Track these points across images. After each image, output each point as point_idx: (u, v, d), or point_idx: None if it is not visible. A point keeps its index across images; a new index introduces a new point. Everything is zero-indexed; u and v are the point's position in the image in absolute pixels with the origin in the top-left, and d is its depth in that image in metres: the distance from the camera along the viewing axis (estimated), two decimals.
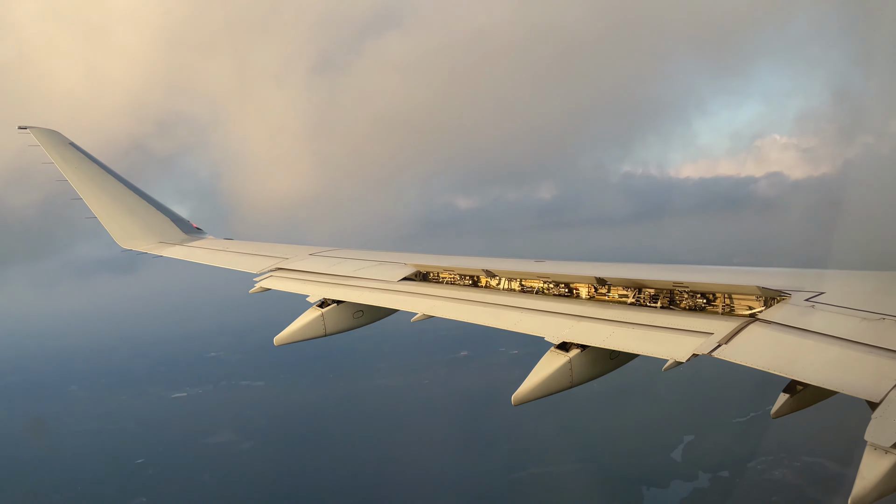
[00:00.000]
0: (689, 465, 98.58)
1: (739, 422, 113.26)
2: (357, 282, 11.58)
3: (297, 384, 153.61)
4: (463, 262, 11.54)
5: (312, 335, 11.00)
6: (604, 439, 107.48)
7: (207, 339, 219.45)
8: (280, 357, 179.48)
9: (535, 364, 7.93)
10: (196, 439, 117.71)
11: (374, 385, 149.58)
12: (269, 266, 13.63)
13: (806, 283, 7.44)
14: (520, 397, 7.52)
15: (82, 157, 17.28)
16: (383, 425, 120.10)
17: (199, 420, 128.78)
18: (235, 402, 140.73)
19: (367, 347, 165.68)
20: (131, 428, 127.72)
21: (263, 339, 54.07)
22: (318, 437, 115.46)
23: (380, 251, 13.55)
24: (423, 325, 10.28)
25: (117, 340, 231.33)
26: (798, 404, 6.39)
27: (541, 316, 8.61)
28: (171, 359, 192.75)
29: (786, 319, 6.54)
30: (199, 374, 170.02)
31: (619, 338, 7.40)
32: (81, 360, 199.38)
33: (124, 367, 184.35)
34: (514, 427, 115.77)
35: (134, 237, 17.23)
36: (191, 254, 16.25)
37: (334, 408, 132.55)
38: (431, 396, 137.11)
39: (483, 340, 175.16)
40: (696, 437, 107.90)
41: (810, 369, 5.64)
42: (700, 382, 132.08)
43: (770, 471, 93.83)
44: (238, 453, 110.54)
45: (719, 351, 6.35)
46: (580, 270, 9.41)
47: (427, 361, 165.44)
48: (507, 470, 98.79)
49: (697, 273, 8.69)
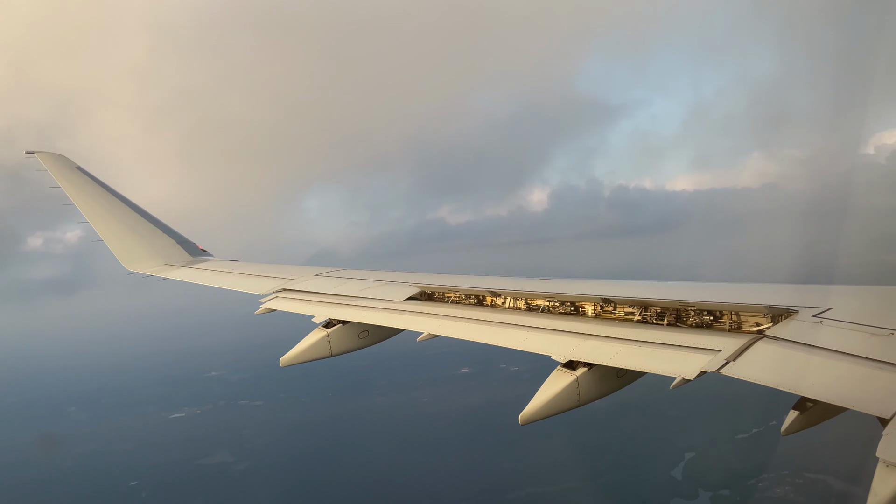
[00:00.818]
0: (690, 483, 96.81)
1: (742, 438, 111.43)
2: (362, 302, 11.58)
3: (295, 403, 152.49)
4: (468, 281, 11.62)
5: (318, 356, 10.91)
6: (603, 457, 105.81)
7: (209, 358, 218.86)
8: (280, 376, 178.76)
9: (540, 382, 8.00)
10: (191, 460, 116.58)
11: (372, 404, 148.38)
12: (274, 287, 13.66)
13: (813, 298, 7.39)
14: (527, 417, 7.56)
15: (88, 180, 17.52)
16: (380, 444, 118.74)
17: (195, 441, 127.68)
18: (233, 422, 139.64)
19: (367, 365, 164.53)
20: (127, 449, 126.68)
21: (265, 358, 53.59)
22: (314, 457, 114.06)
23: (385, 271, 13.60)
24: (424, 342, 10.31)
25: (120, 360, 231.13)
26: (808, 421, 6.38)
27: (547, 334, 8.57)
28: (172, 379, 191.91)
29: (794, 335, 6.52)
30: (198, 393, 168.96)
31: (625, 356, 7.37)
32: (83, 380, 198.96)
33: (125, 388, 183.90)
34: (512, 445, 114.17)
35: (140, 259, 17.25)
36: (196, 276, 16.24)
37: (332, 427, 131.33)
38: (430, 414, 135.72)
39: (484, 358, 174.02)
40: (698, 455, 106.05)
41: (820, 386, 5.59)
42: (703, 399, 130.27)
43: (772, 489, 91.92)
44: (233, 475, 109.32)
45: (727, 368, 6.30)
46: (586, 290, 9.42)
47: (427, 379, 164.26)
48: (503, 490, 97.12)
49: (704, 291, 8.65)
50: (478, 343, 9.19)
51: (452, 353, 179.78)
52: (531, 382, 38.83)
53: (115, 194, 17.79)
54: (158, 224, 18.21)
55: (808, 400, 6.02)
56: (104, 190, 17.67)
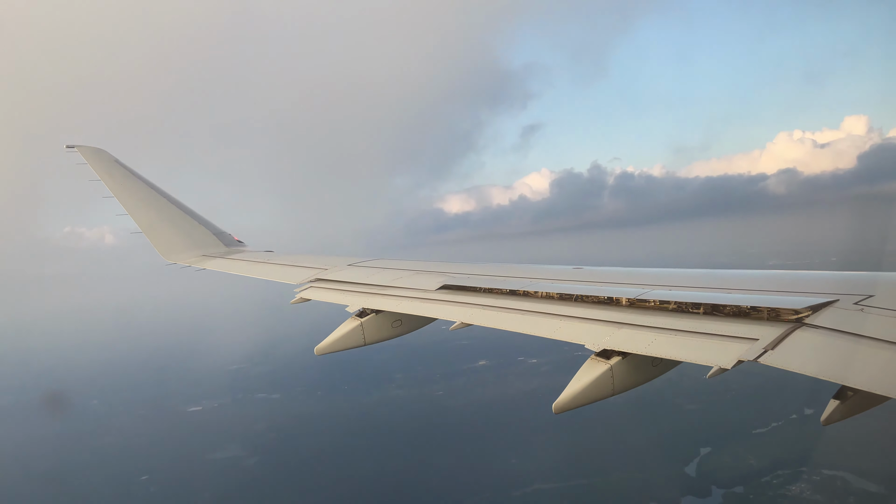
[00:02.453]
0: (703, 479, 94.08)
1: (760, 433, 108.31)
2: (395, 291, 11.55)
3: (311, 397, 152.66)
4: (500, 270, 11.60)
5: (352, 345, 10.91)
6: (616, 453, 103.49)
7: (232, 351, 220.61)
8: (298, 369, 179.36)
9: (559, 375, 8.05)
10: (202, 455, 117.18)
11: (388, 396, 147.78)
12: (308, 277, 13.79)
13: (853, 286, 7.20)
14: (561, 405, 7.38)
15: (128, 173, 17.89)
16: (391, 439, 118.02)
17: (209, 434, 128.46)
18: (248, 416, 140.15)
19: (386, 357, 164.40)
20: (142, 443, 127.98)
21: (286, 351, 54.10)
22: (323, 451, 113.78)
23: (417, 261, 13.55)
24: (444, 334, 11.00)
25: (145, 353, 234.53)
26: (849, 411, 6.13)
27: (580, 323, 8.39)
28: (194, 371, 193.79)
29: (834, 324, 6.32)
30: (218, 386, 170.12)
31: (660, 345, 7.18)
32: (108, 373, 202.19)
33: (147, 380, 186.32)
34: (524, 439, 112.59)
35: (178, 251, 17.59)
36: (232, 266, 16.43)
37: (344, 421, 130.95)
38: (443, 409, 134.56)
39: (504, 350, 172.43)
40: (714, 450, 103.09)
41: (862, 375, 5.41)
42: (722, 392, 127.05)
43: (786, 486, 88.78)
44: (242, 469, 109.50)
45: (766, 357, 6.12)
46: (619, 278, 9.56)
47: (444, 371, 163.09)
48: (510, 486, 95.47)
49: (740, 279, 8.60)
50: (499, 334, 9.24)
51: (472, 346, 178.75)
52: (548, 375, 37.81)
53: (152, 187, 18.12)
54: (195, 216, 18.54)
55: (849, 389, 5.84)
56: (143, 183, 17.99)
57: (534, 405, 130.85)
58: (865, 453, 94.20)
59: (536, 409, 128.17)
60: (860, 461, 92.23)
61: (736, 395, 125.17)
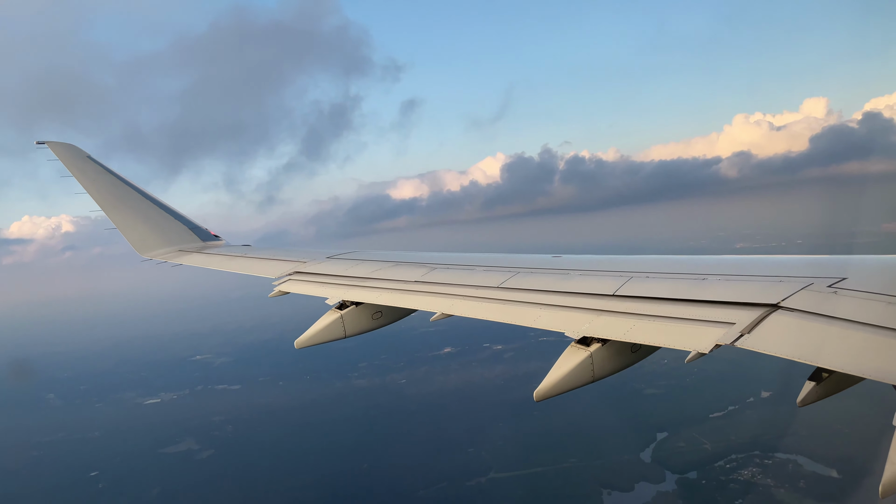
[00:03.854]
0: (658, 465, 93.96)
1: (716, 417, 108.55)
2: (375, 283, 11.53)
3: (273, 387, 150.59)
4: (479, 259, 11.61)
5: (332, 337, 10.88)
6: (573, 439, 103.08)
7: (197, 341, 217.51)
8: (262, 360, 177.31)
9: (523, 361, 10.96)
10: (155, 449, 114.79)
11: (350, 387, 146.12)
12: (286, 270, 13.72)
13: (826, 269, 7.32)
14: (542, 393, 7.37)
15: (100, 169, 17.66)
16: (349, 430, 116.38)
17: (164, 428, 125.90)
18: (206, 408, 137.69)
19: (352, 347, 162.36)
20: (95, 437, 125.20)
21: (253, 341, 51.90)
22: (279, 444, 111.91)
23: (398, 251, 13.57)
24: (412, 321, 10.95)
25: (108, 345, 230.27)
26: (824, 392, 6.21)
27: (560, 311, 8.46)
28: (156, 363, 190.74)
29: (809, 306, 6.41)
30: (178, 378, 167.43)
31: (639, 331, 7.31)
32: (67, 366, 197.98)
33: (107, 373, 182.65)
34: (483, 428, 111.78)
35: (153, 246, 17.58)
36: (208, 261, 16.37)
37: (303, 412, 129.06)
38: (404, 398, 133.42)
39: (469, 337, 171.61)
40: (670, 435, 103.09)
41: (836, 356, 5.53)
42: (681, 377, 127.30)
43: (738, 470, 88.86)
44: (194, 464, 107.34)
45: (742, 341, 6.20)
46: (598, 266, 9.67)
47: (409, 359, 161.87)
48: (465, 475, 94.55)
49: (717, 264, 8.65)
50: (467, 320, 9.26)
51: (440, 332, 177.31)
52: (511, 362, 35.69)
53: (126, 183, 17.93)
54: (170, 211, 18.35)
55: (823, 370, 6.02)
56: (116, 179, 17.81)
57: (494, 393, 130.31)
58: (819, 437, 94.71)
59: (496, 396, 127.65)
60: (814, 445, 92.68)
61: (696, 379, 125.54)
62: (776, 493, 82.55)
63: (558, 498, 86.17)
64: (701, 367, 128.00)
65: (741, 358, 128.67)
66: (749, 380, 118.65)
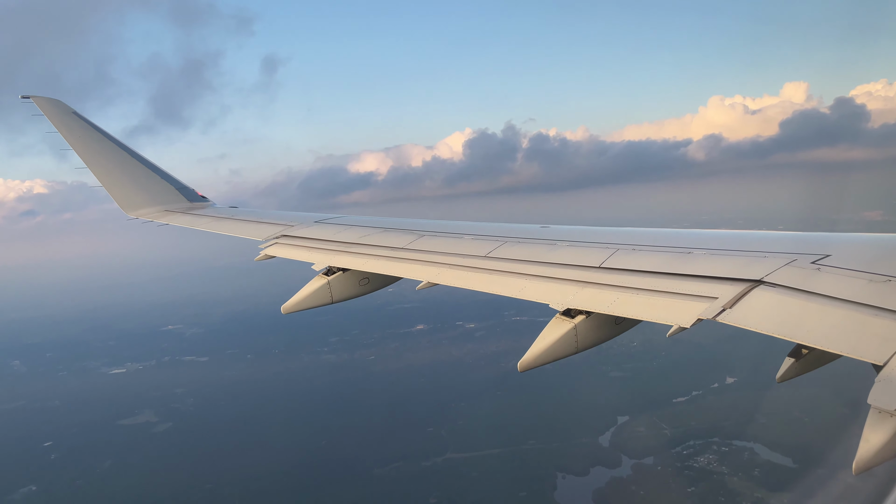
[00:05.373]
0: (615, 450, 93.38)
1: (680, 402, 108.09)
2: (363, 249, 11.53)
3: (240, 360, 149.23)
4: (468, 228, 11.57)
5: (319, 303, 10.91)
6: (534, 421, 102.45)
7: (171, 311, 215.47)
8: (233, 331, 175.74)
9: (495, 340, 12.84)
10: (113, 420, 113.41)
11: (318, 361, 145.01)
12: (273, 233, 13.59)
13: (810, 245, 7.29)
14: (526, 363, 7.44)
15: (86, 125, 17.23)
16: (309, 406, 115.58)
17: (125, 398, 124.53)
18: (170, 380, 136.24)
19: (326, 321, 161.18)
20: (55, 406, 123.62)
21: (229, 312, 49.80)
22: (238, 418, 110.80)
23: (387, 218, 13.45)
24: (385, 296, 13.79)
25: (80, 312, 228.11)
26: (802, 368, 6.30)
27: (546, 282, 8.42)
28: (126, 332, 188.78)
29: (791, 282, 6.42)
30: (147, 348, 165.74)
31: (623, 304, 7.29)
32: (36, 332, 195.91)
33: (75, 341, 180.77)
34: (446, 407, 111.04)
35: (139, 205, 17.20)
36: (195, 222, 16.07)
37: (266, 386, 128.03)
38: (370, 374, 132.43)
39: (442, 314, 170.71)
40: (631, 419, 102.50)
41: (816, 333, 5.57)
42: (648, 359, 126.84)
43: (695, 457, 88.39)
44: (150, 436, 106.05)
45: (724, 315, 6.21)
46: (586, 237, 9.58)
47: (380, 335, 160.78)
48: (422, 455, 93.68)
49: (701, 238, 8.60)
50: (440, 298, 14.48)
51: (413, 309, 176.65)
52: (481, 341, 32.87)
53: (112, 140, 17.53)
54: (157, 170, 18.02)
55: (802, 347, 6.05)
56: (101, 135, 17.39)
57: (462, 372, 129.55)
58: (778, 424, 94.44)
59: (463, 375, 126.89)
60: (773, 433, 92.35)
61: (663, 362, 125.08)
62: (729, 481, 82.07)
63: (512, 481, 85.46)
64: (669, 349, 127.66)
65: (709, 342, 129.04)
66: (715, 365, 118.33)
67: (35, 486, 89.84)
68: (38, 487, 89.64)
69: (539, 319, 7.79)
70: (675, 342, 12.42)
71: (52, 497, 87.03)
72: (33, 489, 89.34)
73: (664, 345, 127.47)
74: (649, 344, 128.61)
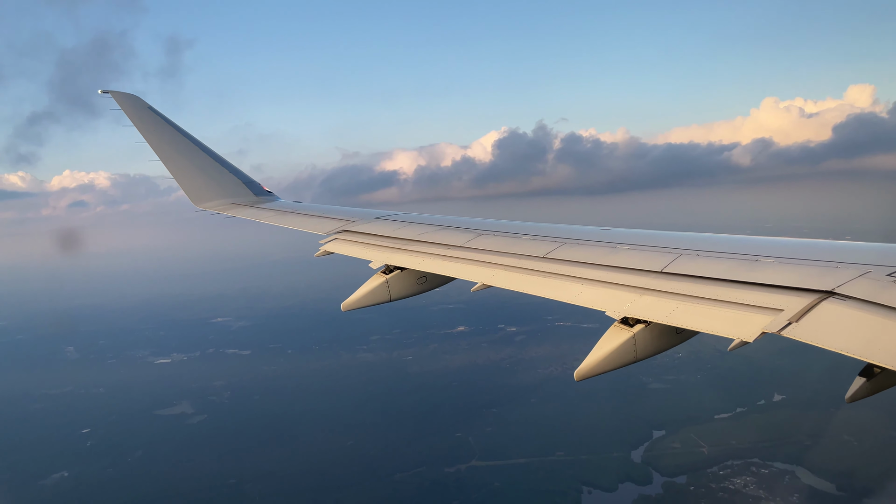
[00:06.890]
0: (647, 466, 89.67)
1: (722, 417, 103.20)
2: (420, 247, 11.62)
3: (281, 355, 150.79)
4: (526, 228, 11.53)
5: (378, 301, 11.03)
6: (565, 431, 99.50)
7: (223, 303, 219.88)
8: (281, 325, 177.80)
9: (534, 346, 10.71)
10: (150, 409, 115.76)
11: (355, 360, 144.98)
12: (335, 228, 13.94)
13: (887, 257, 6.90)
14: (583, 372, 7.31)
15: (160, 120, 17.74)
16: (341, 404, 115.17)
17: (165, 389, 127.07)
18: (211, 371, 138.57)
19: (369, 318, 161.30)
20: (98, 394, 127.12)
21: (277, 306, 50.84)
22: (269, 413, 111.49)
23: (444, 216, 13.49)
24: (432, 295, 11.54)
25: (137, 301, 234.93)
26: (874, 388, 6.07)
27: (603, 288, 8.23)
28: (176, 322, 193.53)
29: (864, 295, 6.03)
30: (194, 339, 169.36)
31: (682, 314, 7.04)
32: (93, 319, 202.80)
33: (128, 329, 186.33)
34: (475, 413, 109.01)
35: (207, 198, 17.83)
36: (259, 215, 16.60)
37: (301, 382, 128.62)
38: (406, 375, 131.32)
39: (485, 316, 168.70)
40: (667, 434, 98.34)
41: (892, 352, 5.13)
42: (692, 371, 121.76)
43: (731, 478, 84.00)
44: (184, 428, 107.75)
45: (789, 330, 5.90)
46: (647, 241, 9.40)
47: (420, 336, 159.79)
48: (446, 461, 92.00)
49: (767, 246, 8.32)
50: (483, 300, 11.12)
51: (456, 310, 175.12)
52: (520, 345, 30.93)
53: (184, 134, 18.08)
54: (225, 164, 18.61)
55: (875, 366, 5.82)
56: (174, 130, 17.95)
57: (497, 376, 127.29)
58: (824, 447, 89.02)
59: (498, 380, 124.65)
60: (817, 456, 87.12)
61: (707, 375, 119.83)
62: None
63: (534, 493, 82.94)
64: (715, 362, 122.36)
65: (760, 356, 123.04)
66: (764, 380, 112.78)
67: (67, 472, 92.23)
68: (70, 473, 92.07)
69: (583, 325, 6.58)
70: (723, 354, 11.21)
71: (81, 483, 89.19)
72: (65, 475, 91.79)
73: (711, 357, 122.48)
74: (696, 355, 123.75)
